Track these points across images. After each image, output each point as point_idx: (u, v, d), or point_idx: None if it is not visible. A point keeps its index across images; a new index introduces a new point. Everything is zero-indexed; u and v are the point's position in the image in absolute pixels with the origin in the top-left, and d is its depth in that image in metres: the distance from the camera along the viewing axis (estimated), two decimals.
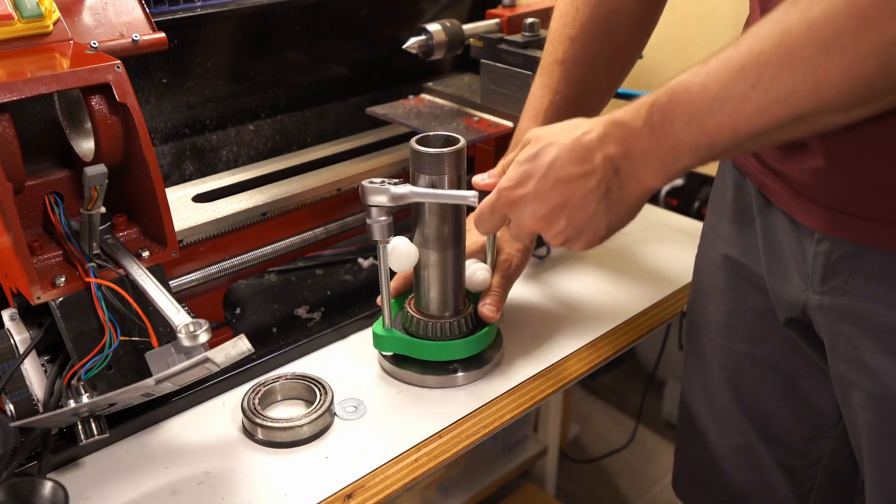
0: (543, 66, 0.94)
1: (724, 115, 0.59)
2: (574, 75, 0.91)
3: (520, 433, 1.80)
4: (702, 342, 0.97)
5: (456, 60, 1.38)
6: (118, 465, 0.80)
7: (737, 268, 0.89)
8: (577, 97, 0.92)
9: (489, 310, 0.91)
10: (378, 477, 0.79)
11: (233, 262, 0.97)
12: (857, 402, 0.76)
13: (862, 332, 0.73)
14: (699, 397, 1.00)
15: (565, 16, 0.91)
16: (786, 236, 0.79)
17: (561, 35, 0.92)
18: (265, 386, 0.88)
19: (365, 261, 1.17)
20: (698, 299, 0.97)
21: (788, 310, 0.81)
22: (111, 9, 0.85)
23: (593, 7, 0.89)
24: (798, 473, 0.94)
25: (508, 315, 1.02)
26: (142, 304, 0.76)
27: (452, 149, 0.83)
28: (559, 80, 0.92)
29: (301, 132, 1.27)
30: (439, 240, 0.87)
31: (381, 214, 0.84)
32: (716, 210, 0.93)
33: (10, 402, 0.76)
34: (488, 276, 0.92)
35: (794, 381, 0.89)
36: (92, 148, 0.77)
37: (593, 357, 0.97)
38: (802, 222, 0.75)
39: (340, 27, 1.28)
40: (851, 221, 0.70)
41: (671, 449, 1.11)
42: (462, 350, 0.90)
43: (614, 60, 0.93)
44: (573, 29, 0.90)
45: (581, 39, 0.90)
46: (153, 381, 0.69)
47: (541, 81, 0.94)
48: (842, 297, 0.73)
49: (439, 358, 0.90)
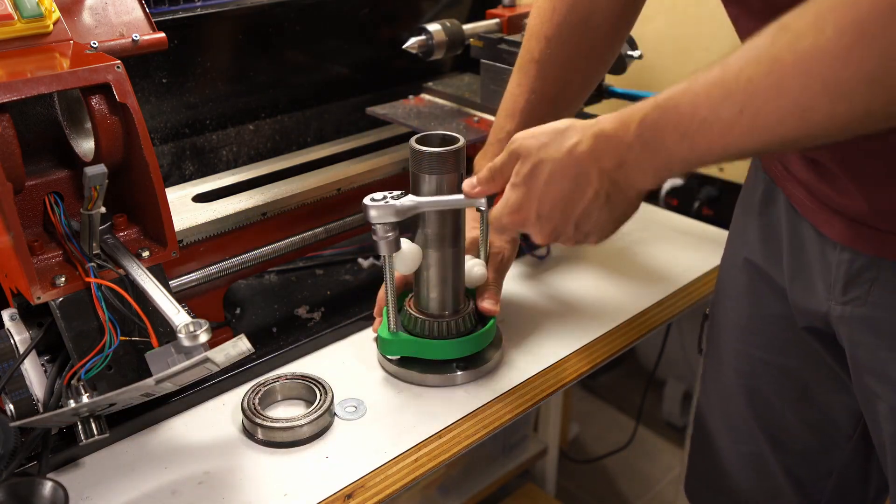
0: (520, 64, 0.93)
1: (714, 135, 0.59)
2: (550, 74, 0.91)
3: (520, 433, 1.80)
4: (720, 346, 0.97)
5: (456, 60, 1.38)
6: (118, 465, 0.80)
7: (758, 272, 0.89)
8: (552, 96, 0.92)
9: (490, 303, 0.91)
10: (378, 477, 0.79)
11: (233, 262, 0.97)
12: (882, 414, 0.76)
13: (884, 344, 0.73)
14: (714, 401, 1.00)
15: (542, 14, 0.91)
16: (812, 246, 0.79)
17: (538, 34, 0.91)
18: (265, 386, 0.88)
19: (365, 261, 1.17)
20: (719, 302, 0.97)
21: (810, 319, 0.82)
22: (111, 9, 0.85)
23: (569, 7, 0.89)
24: (808, 485, 0.93)
25: (508, 315, 1.02)
26: (142, 304, 0.76)
27: (452, 148, 0.83)
28: (535, 78, 0.91)
29: (301, 132, 1.27)
30: (440, 239, 0.87)
31: (389, 231, 0.83)
32: (743, 213, 0.93)
33: (10, 402, 0.76)
34: (484, 271, 0.93)
35: (810, 391, 0.89)
36: (92, 148, 0.77)
37: (593, 357, 0.97)
38: (825, 233, 0.76)
39: (340, 27, 1.28)
40: (873, 234, 0.71)
41: (671, 449, 1.12)
42: (464, 348, 0.90)
43: (590, 60, 0.93)
44: (549, 28, 0.90)
45: (557, 39, 0.90)
46: (153, 381, 0.69)
47: (517, 79, 0.93)
48: (863, 308, 0.74)
49: (443, 357, 0.90)
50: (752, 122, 0.56)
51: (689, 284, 1.12)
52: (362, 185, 1.08)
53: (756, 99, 0.55)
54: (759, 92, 0.55)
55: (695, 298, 1.11)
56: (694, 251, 1.20)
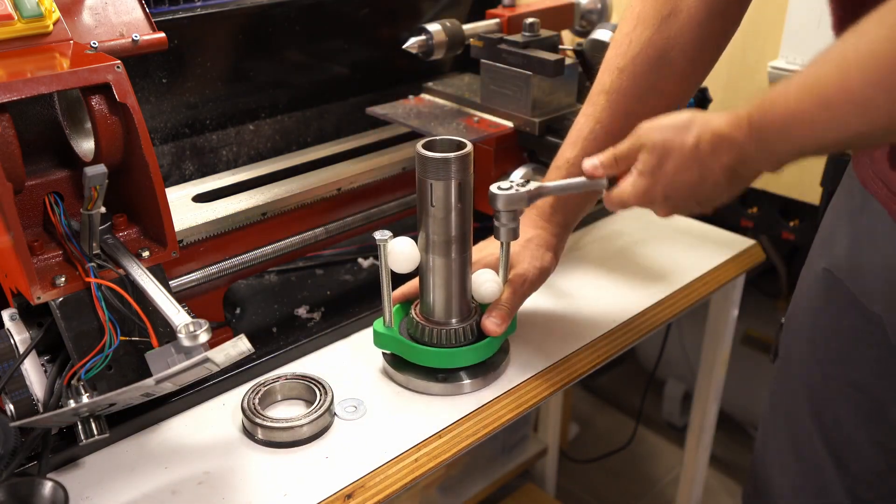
0: (591, 94, 0.93)
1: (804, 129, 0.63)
2: (618, 107, 0.90)
3: (520, 433, 1.80)
4: (791, 355, 0.96)
5: (456, 60, 1.38)
6: (118, 465, 0.80)
7: (836, 284, 0.87)
8: (618, 128, 0.89)
9: (492, 323, 0.89)
10: (378, 477, 0.79)
11: (233, 262, 0.97)
12: None
13: None
14: (780, 411, 0.98)
15: (618, 46, 0.90)
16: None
17: (611, 65, 0.91)
18: (265, 386, 0.88)
19: (365, 261, 1.17)
20: (794, 312, 0.96)
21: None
22: (111, 9, 0.85)
23: (646, 40, 0.88)
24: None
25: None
26: (142, 304, 0.76)
27: (460, 153, 0.82)
28: (602, 109, 0.91)
29: (301, 132, 1.27)
30: (444, 245, 0.86)
31: (513, 219, 0.85)
32: (831, 225, 0.91)
33: (10, 402, 0.76)
34: (497, 288, 0.90)
35: (882, 407, 0.87)
36: (92, 148, 0.77)
37: (593, 357, 0.97)
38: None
39: (340, 27, 1.28)
40: None
41: (671, 449, 1.12)
42: (462, 358, 0.89)
43: (662, 97, 0.91)
44: (623, 60, 0.89)
45: (629, 71, 0.89)
46: (153, 381, 0.69)
47: (585, 110, 0.93)
48: None
49: (438, 364, 0.89)
50: (829, 117, 0.60)
51: (689, 284, 1.12)
52: (362, 185, 1.08)
53: (827, 94, 0.60)
54: (829, 87, 0.60)
55: (695, 298, 1.11)
56: (694, 251, 1.20)
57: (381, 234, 0.84)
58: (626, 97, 0.90)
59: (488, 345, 0.90)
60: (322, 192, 1.04)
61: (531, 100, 1.09)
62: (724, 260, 1.18)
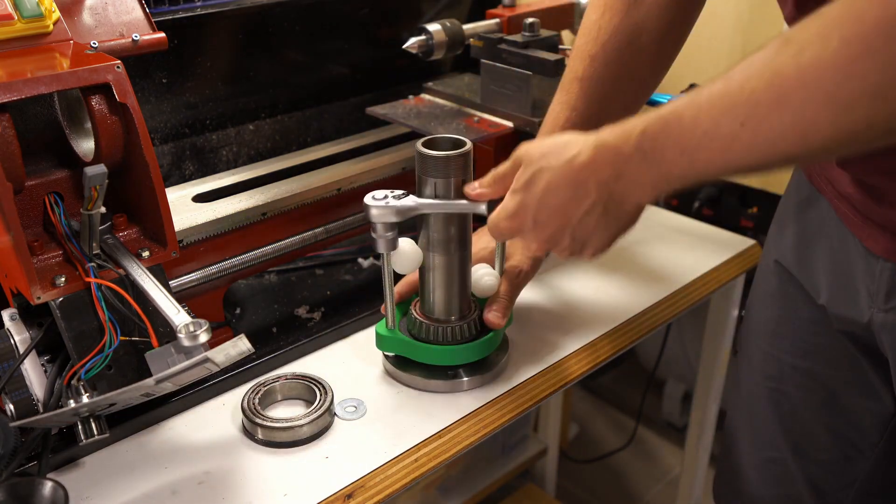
0: (563, 82, 0.93)
1: (714, 150, 0.58)
2: (592, 94, 0.90)
3: (520, 433, 1.80)
4: (750, 349, 0.97)
5: (456, 60, 1.38)
6: (118, 465, 0.80)
7: (788, 276, 0.89)
8: (593, 115, 0.90)
9: (494, 316, 0.89)
10: (378, 477, 0.79)
11: (233, 262, 0.97)
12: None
13: None
14: (742, 404, 0.99)
15: (588, 33, 0.91)
16: (855, 254, 0.79)
17: (582, 53, 0.91)
18: (265, 386, 0.88)
19: (365, 261, 1.17)
20: (752, 304, 0.97)
21: (849, 325, 0.82)
22: (111, 9, 0.85)
23: (616, 26, 0.88)
24: (829, 495, 0.92)
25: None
26: (142, 304, 0.76)
27: (460, 151, 0.82)
28: (577, 97, 0.91)
29: (301, 132, 1.27)
30: (445, 243, 0.86)
31: (388, 230, 0.83)
32: (781, 216, 0.92)
33: (10, 402, 0.76)
34: (495, 281, 0.91)
35: (836, 397, 0.88)
36: (92, 148, 0.77)
37: (593, 357, 0.97)
38: (869, 247, 0.76)
39: (340, 27, 1.28)
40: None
41: (671, 449, 1.12)
42: (464, 355, 0.89)
43: (635, 82, 0.92)
44: (594, 47, 0.89)
45: (601, 58, 0.89)
46: (153, 381, 0.69)
47: (559, 97, 0.93)
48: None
49: (441, 362, 0.89)
50: (753, 137, 0.55)
51: (689, 284, 1.12)
52: (362, 185, 1.08)
53: (758, 112, 0.54)
54: (760, 105, 0.54)
55: (695, 298, 1.11)
56: (694, 251, 1.20)
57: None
58: (600, 83, 0.90)
59: (492, 339, 0.90)
60: (322, 192, 1.04)
61: (531, 100, 1.10)
62: (724, 260, 1.18)
